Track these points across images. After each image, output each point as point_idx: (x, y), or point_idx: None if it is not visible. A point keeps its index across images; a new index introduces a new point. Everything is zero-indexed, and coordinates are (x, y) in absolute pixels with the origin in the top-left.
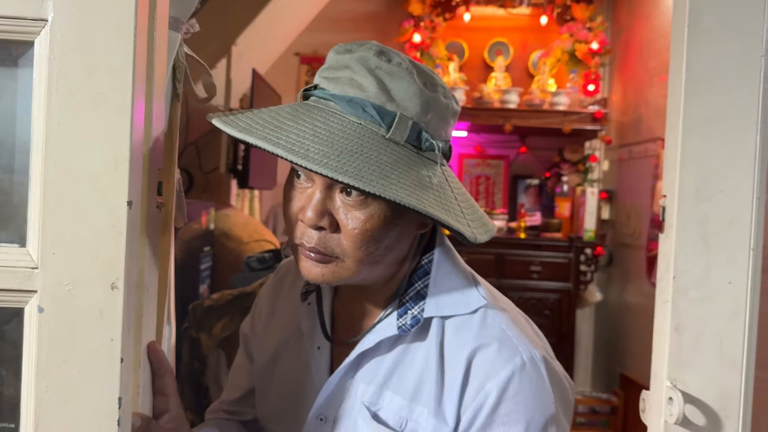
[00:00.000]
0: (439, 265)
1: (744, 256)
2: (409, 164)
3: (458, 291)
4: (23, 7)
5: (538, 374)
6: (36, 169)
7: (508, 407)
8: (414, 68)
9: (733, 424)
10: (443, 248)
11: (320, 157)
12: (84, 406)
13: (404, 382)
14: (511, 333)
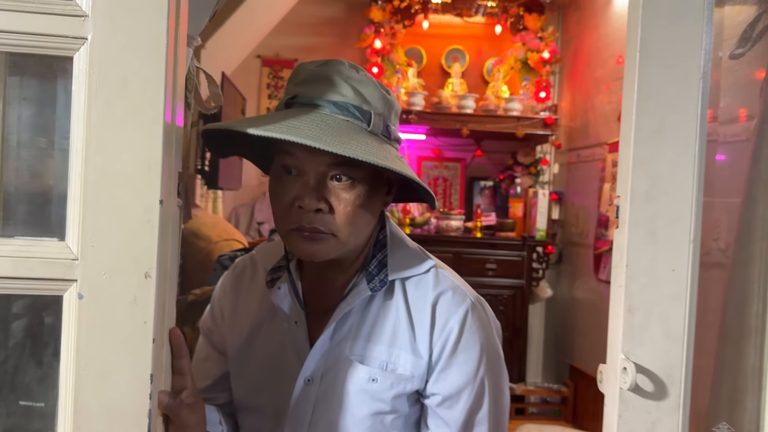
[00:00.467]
0: (392, 239)
1: (685, 247)
2: (387, 148)
3: (411, 258)
4: (65, 27)
5: (483, 311)
6: (75, 172)
7: (467, 337)
8: (373, 78)
9: (676, 390)
10: (390, 226)
11: (335, 143)
12: (120, 382)
13: (381, 333)
14: (458, 283)
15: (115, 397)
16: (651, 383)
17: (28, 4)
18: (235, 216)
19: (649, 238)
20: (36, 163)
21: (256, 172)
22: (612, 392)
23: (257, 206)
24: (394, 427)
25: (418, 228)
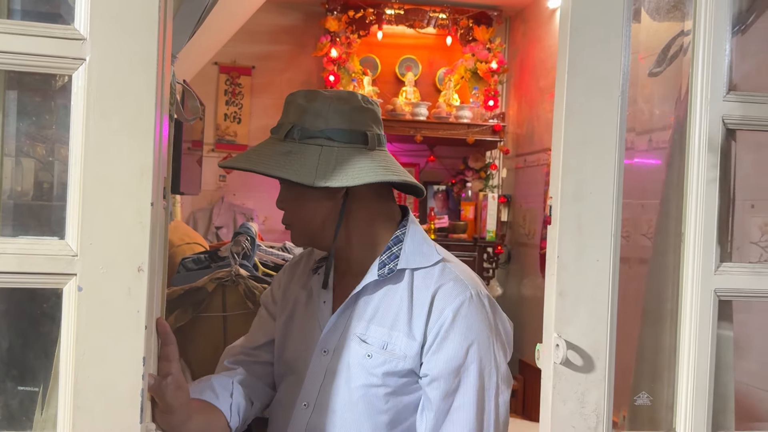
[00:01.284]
0: (412, 235)
1: (607, 240)
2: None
3: (423, 251)
4: (66, 49)
5: (481, 305)
6: (74, 177)
7: (459, 325)
8: (319, 94)
9: (602, 364)
10: (413, 224)
11: (243, 159)
12: (115, 365)
13: (385, 316)
14: (463, 277)
15: (110, 379)
16: (580, 358)
17: (34, 29)
18: (193, 220)
19: (576, 232)
20: (38, 170)
21: (214, 178)
22: (547, 367)
23: (215, 210)
24: (387, 402)
25: None
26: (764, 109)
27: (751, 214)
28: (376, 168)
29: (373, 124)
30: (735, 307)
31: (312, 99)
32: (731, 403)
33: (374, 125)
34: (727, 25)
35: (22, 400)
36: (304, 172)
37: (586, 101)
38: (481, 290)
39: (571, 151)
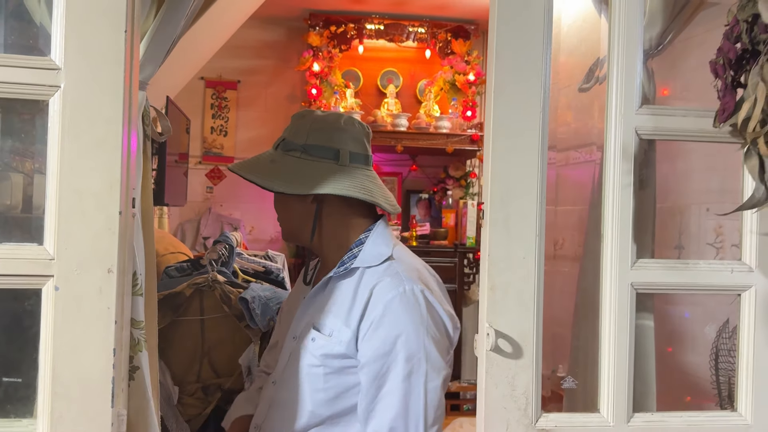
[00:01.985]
0: (374, 238)
1: (532, 239)
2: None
3: (378, 252)
4: (43, 78)
5: (414, 299)
6: (51, 190)
7: (389, 317)
8: (308, 115)
9: (530, 350)
10: (379, 229)
11: (239, 167)
12: (89, 355)
13: (334, 307)
14: (403, 274)
15: (85, 368)
16: (510, 345)
17: (13, 60)
18: (181, 231)
19: (504, 233)
20: (19, 184)
21: (201, 189)
22: (481, 354)
23: (203, 221)
24: (326, 381)
25: None
26: (675, 121)
27: (707, 217)
28: (338, 181)
29: (350, 143)
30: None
31: (301, 117)
32: (653, 387)
33: (351, 144)
34: (638, 47)
35: (7, 390)
36: (273, 179)
37: (510, 115)
38: (416, 286)
39: (498, 159)
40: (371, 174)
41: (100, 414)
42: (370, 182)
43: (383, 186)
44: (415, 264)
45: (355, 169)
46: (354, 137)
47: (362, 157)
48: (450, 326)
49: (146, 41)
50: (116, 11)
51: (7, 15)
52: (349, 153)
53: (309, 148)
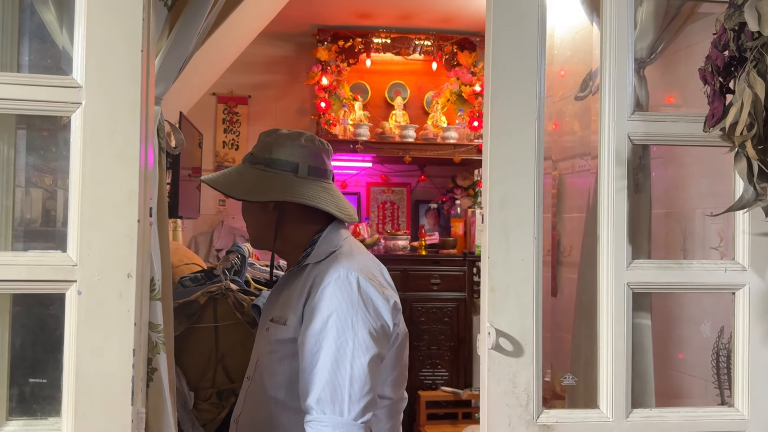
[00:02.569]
0: (324, 238)
1: (530, 242)
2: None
3: (324, 248)
4: (65, 95)
5: (347, 283)
6: (74, 200)
7: (324, 299)
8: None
9: (530, 349)
10: (328, 230)
11: (211, 179)
12: (110, 355)
13: (287, 300)
14: (342, 262)
15: (106, 368)
16: (510, 344)
17: (38, 79)
18: (194, 244)
19: (503, 236)
20: (43, 195)
21: (214, 202)
22: (483, 352)
23: (216, 234)
24: (281, 365)
25: (368, 248)
26: (666, 126)
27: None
28: (293, 191)
29: (309, 159)
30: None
31: (267, 135)
32: (651, 384)
33: (311, 159)
34: (629, 55)
35: (33, 390)
36: (236, 188)
37: (507, 124)
38: (351, 272)
39: (496, 167)
40: (328, 186)
41: (120, 412)
42: (324, 192)
43: (340, 197)
44: (358, 256)
45: (312, 181)
46: (313, 153)
47: (320, 170)
48: (384, 308)
49: (160, 59)
50: (133, 33)
51: (31, 38)
52: (308, 167)
53: (272, 161)
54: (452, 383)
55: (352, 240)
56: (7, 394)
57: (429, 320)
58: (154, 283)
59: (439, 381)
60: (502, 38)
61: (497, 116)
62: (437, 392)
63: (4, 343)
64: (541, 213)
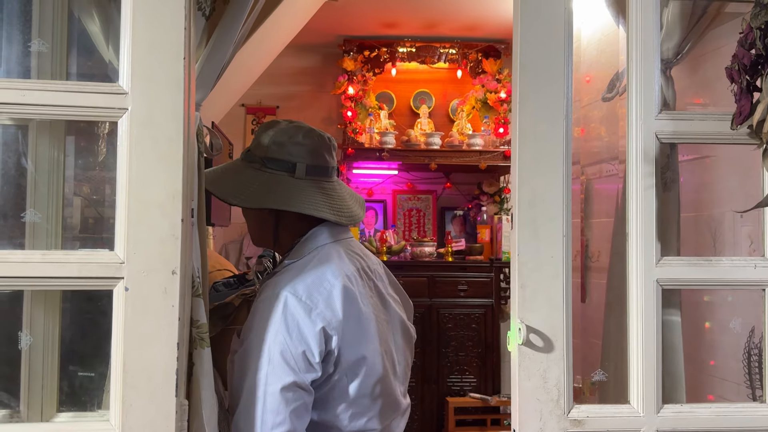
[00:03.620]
0: (304, 241)
1: (559, 240)
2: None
3: (300, 251)
4: (112, 102)
5: (275, 303)
6: (122, 201)
7: (252, 317)
8: (265, 127)
9: (560, 345)
10: (313, 234)
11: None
12: (155, 348)
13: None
14: (284, 276)
15: (151, 360)
16: (541, 340)
17: (87, 86)
18: (225, 251)
19: (532, 234)
20: (91, 196)
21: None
22: (514, 348)
23: (245, 242)
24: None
25: (394, 255)
26: (693, 125)
27: (741, 224)
28: (285, 196)
29: (307, 157)
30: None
31: (265, 128)
32: (681, 381)
33: (309, 157)
34: (656, 55)
35: (82, 383)
36: (232, 193)
37: (535, 123)
38: (284, 290)
39: (524, 165)
40: (327, 185)
41: (165, 403)
42: (320, 194)
43: (341, 196)
44: (318, 266)
45: (309, 182)
46: (311, 151)
47: (319, 169)
48: (309, 333)
49: (199, 66)
50: (176, 41)
51: (78, 48)
52: (306, 166)
53: (267, 161)
54: (480, 390)
55: (341, 243)
56: (57, 387)
57: (456, 326)
58: (194, 281)
59: (467, 387)
60: (529, 41)
61: (526, 118)
62: (465, 398)
63: (55, 338)
64: (570, 211)
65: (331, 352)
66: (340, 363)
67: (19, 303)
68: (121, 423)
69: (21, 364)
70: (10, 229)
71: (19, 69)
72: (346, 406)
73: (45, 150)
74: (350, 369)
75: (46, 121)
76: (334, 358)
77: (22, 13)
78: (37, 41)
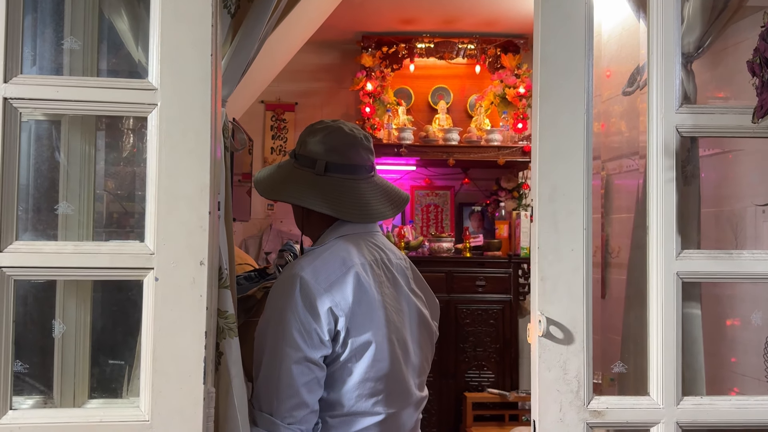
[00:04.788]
0: (327, 233)
1: (580, 233)
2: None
3: (322, 241)
4: (142, 97)
5: (290, 283)
6: (151, 193)
7: (270, 296)
8: (310, 128)
9: (581, 337)
10: (335, 228)
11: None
12: (183, 337)
13: None
14: (302, 260)
15: (180, 348)
16: (561, 332)
17: (118, 83)
18: (244, 247)
19: (552, 227)
20: (122, 189)
21: (263, 207)
22: (534, 339)
23: (264, 237)
24: None
25: (412, 251)
26: (714, 118)
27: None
28: (305, 191)
29: (328, 155)
30: None
31: (309, 126)
32: (701, 374)
33: (330, 155)
34: (676, 48)
35: (113, 370)
36: (263, 183)
37: (555, 118)
38: (300, 271)
39: (544, 160)
40: (347, 184)
41: (193, 390)
42: (335, 191)
43: (361, 194)
44: (336, 253)
45: (329, 178)
46: (333, 148)
47: (341, 167)
48: (322, 312)
49: (225, 63)
50: (203, 38)
51: (108, 46)
52: (326, 163)
53: (299, 157)
54: (498, 385)
55: (362, 236)
56: (89, 374)
57: (474, 322)
58: (222, 272)
59: (485, 383)
60: (550, 36)
61: (546, 112)
62: (483, 394)
63: (86, 327)
64: (590, 204)
65: (339, 333)
66: (347, 344)
67: (52, 292)
68: (150, 409)
69: (54, 351)
70: (43, 221)
71: (52, 66)
72: (352, 386)
73: (77, 145)
74: (357, 351)
75: (78, 117)
76: (342, 339)
77: (55, 12)
78: (70, 39)
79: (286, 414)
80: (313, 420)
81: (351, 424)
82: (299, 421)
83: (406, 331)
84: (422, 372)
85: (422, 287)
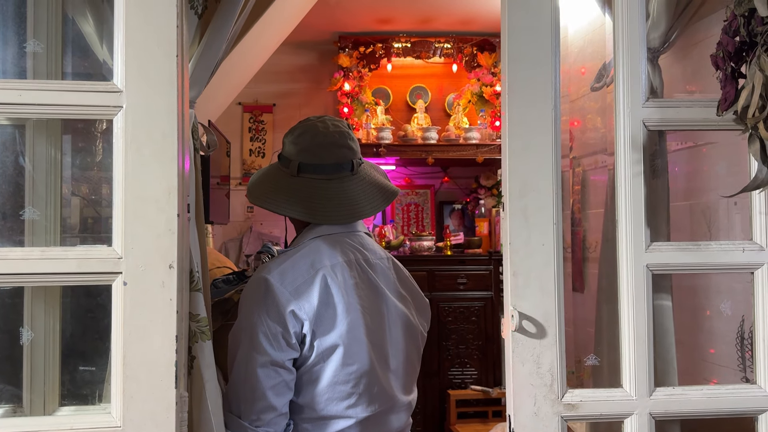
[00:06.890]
0: (302, 234)
1: (550, 228)
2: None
3: (296, 243)
4: (108, 100)
5: (257, 286)
6: (118, 197)
7: (241, 300)
8: (295, 128)
9: (553, 331)
10: (310, 229)
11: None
12: (154, 341)
13: None
14: (272, 263)
15: (151, 353)
16: (533, 326)
17: (82, 86)
18: (224, 250)
19: (523, 222)
20: (89, 193)
21: (242, 209)
22: (507, 335)
23: (245, 240)
24: None
25: (393, 250)
26: (680, 112)
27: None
28: (278, 193)
29: (300, 155)
30: None
31: (292, 132)
32: (673, 364)
33: (302, 156)
34: (642, 43)
35: (83, 377)
36: (252, 188)
37: (524, 114)
38: (265, 274)
39: (514, 155)
40: (319, 185)
41: (165, 395)
42: (307, 192)
43: (338, 194)
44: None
45: (302, 179)
46: (304, 149)
47: (311, 167)
48: (287, 314)
49: (193, 64)
50: (169, 39)
51: (73, 49)
52: (298, 164)
53: (280, 158)
54: (481, 382)
55: (337, 236)
56: (59, 381)
57: (456, 320)
58: (193, 275)
59: (468, 380)
60: (517, 32)
61: (514, 108)
62: (467, 391)
63: (55, 333)
64: (560, 199)
65: (305, 336)
66: (314, 348)
67: (20, 299)
68: (122, 415)
69: (23, 359)
70: (9, 227)
71: (15, 69)
72: (321, 390)
73: (42, 149)
74: (324, 354)
75: (43, 121)
76: (308, 342)
77: (17, 14)
78: (33, 42)
79: (254, 417)
80: (282, 423)
81: (324, 427)
82: (267, 424)
83: (384, 333)
84: (407, 374)
85: (408, 287)
